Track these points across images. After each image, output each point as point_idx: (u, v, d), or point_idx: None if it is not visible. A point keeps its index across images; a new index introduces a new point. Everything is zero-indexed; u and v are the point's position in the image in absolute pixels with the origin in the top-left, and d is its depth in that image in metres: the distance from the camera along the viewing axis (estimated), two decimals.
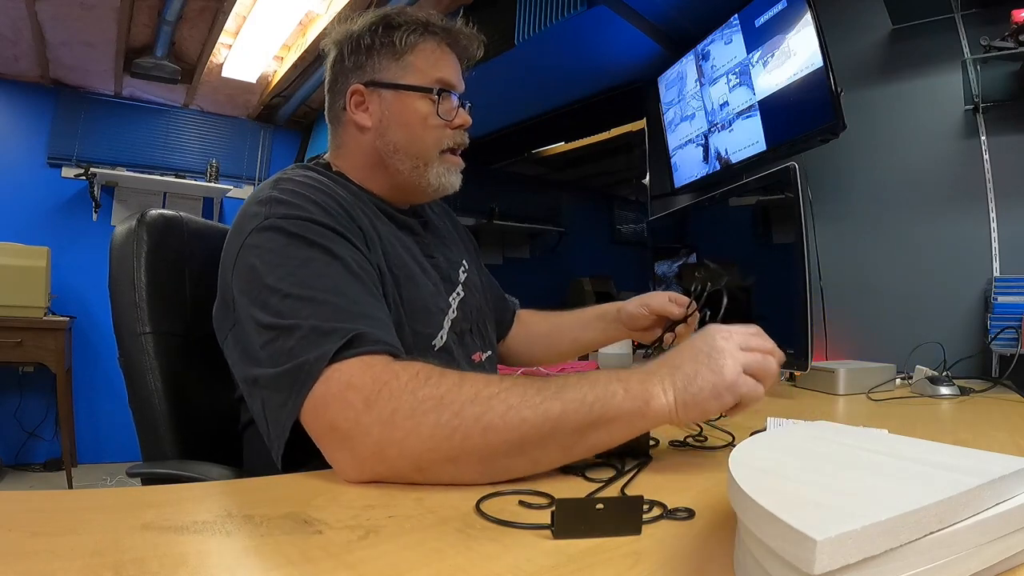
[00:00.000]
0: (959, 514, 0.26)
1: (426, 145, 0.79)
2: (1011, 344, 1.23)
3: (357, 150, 0.81)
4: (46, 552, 0.32)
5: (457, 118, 0.80)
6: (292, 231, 0.62)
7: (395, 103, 0.78)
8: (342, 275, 0.61)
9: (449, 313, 0.80)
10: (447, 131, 0.80)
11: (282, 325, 0.56)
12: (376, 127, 0.78)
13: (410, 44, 0.77)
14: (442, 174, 0.80)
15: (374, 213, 0.76)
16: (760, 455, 0.36)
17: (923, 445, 0.37)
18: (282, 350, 0.55)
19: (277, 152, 4.03)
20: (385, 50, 0.77)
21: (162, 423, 0.79)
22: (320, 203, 0.66)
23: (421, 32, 0.78)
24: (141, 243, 0.85)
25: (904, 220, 1.59)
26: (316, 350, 0.53)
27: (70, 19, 2.62)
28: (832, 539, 0.22)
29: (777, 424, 0.71)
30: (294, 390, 0.53)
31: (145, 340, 0.82)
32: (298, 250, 0.61)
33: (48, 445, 3.21)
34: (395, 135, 0.78)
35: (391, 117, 0.78)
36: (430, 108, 0.78)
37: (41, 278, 2.74)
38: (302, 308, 0.57)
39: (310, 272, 0.60)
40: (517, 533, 0.37)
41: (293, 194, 0.66)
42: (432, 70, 0.78)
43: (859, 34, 1.70)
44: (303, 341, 0.54)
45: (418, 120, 0.78)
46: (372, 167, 0.80)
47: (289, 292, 0.58)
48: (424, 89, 0.77)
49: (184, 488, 0.48)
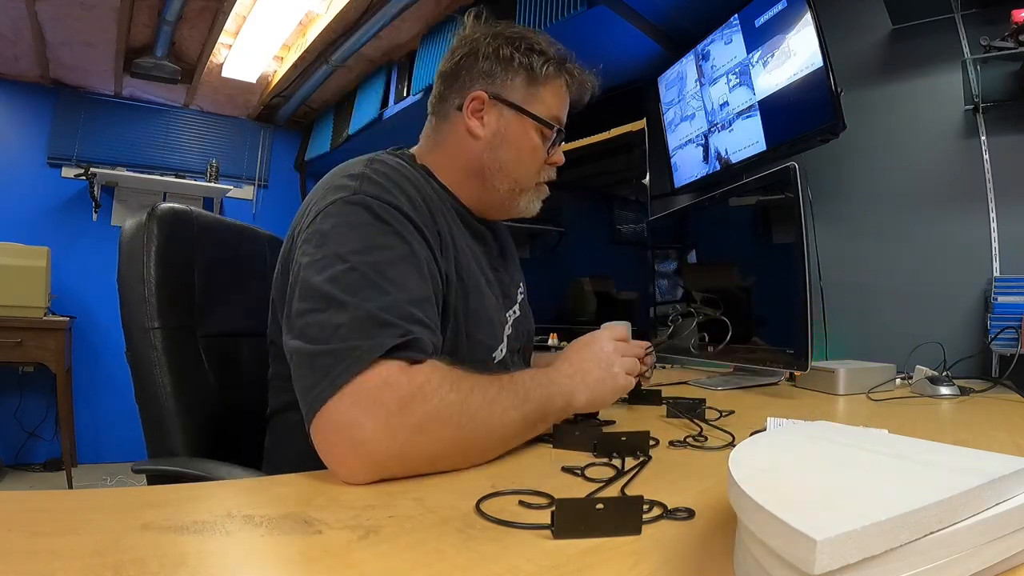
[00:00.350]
0: (959, 514, 0.26)
1: (529, 174, 0.81)
2: (1011, 344, 1.23)
3: (459, 153, 0.79)
4: (46, 552, 0.32)
5: (555, 157, 0.84)
6: (379, 213, 0.61)
7: (516, 125, 0.78)
8: (414, 273, 0.61)
9: (506, 329, 0.81)
10: (546, 166, 0.83)
11: (338, 299, 0.54)
12: (488, 139, 0.78)
13: (547, 76, 0.78)
14: (531, 201, 0.83)
15: (452, 217, 0.76)
16: (760, 455, 0.36)
17: (923, 445, 0.37)
18: (328, 324, 0.53)
19: (277, 152, 4.04)
20: (522, 71, 0.78)
21: (169, 419, 0.79)
22: (409, 195, 0.66)
23: (559, 68, 0.80)
24: (151, 237, 0.84)
25: (904, 220, 1.59)
26: (370, 339, 0.52)
27: (70, 19, 2.62)
28: (832, 539, 0.22)
29: (777, 424, 0.71)
30: (334, 373, 0.50)
31: (153, 335, 0.81)
32: (380, 233, 0.60)
33: (48, 445, 3.21)
34: (505, 154, 0.78)
35: (506, 136, 0.78)
36: (544, 143, 0.80)
37: (41, 278, 2.74)
38: (366, 289, 0.55)
39: (385, 258, 0.58)
40: (517, 533, 0.37)
41: (387, 178, 0.66)
42: (556, 108, 0.81)
43: (859, 34, 1.70)
44: (356, 324, 0.52)
45: (530, 149, 0.80)
46: (469, 175, 0.80)
47: (357, 267, 0.56)
48: (547, 124, 0.79)
49: (184, 488, 0.48)
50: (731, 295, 1.40)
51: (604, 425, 0.76)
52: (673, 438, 0.67)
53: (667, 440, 0.66)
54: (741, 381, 1.24)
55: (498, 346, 0.78)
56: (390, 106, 2.89)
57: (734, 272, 1.39)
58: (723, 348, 1.35)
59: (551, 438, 0.64)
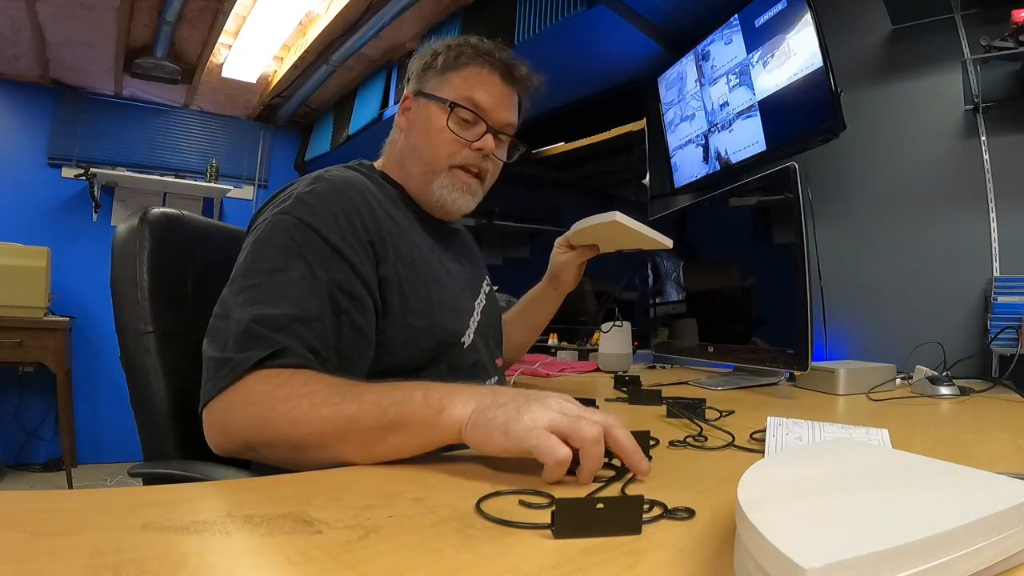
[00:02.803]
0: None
1: (436, 154, 0.82)
2: (1011, 344, 1.23)
3: (393, 149, 0.88)
4: (46, 552, 0.32)
5: (479, 142, 0.82)
6: (293, 235, 0.67)
7: (423, 110, 0.83)
8: (310, 294, 0.65)
9: (474, 315, 0.84)
10: (464, 150, 0.82)
11: (229, 312, 0.63)
12: (407, 129, 0.85)
13: (453, 64, 0.83)
14: (445, 187, 0.83)
15: (408, 218, 0.80)
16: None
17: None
18: (221, 333, 0.62)
19: (277, 152, 4.04)
20: (434, 68, 0.84)
21: (164, 422, 0.79)
22: (337, 216, 0.69)
23: (468, 56, 0.83)
24: (144, 242, 0.84)
25: (904, 220, 1.59)
26: (241, 354, 0.59)
27: (70, 19, 2.62)
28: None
29: (778, 424, 0.71)
30: (217, 381, 0.59)
31: (147, 339, 0.81)
32: (289, 255, 0.66)
33: (48, 445, 3.21)
34: (416, 138, 0.84)
35: (416, 122, 0.84)
36: (456, 125, 0.81)
37: (41, 278, 2.74)
38: (253, 298, 0.63)
39: (286, 279, 0.64)
40: (517, 533, 0.37)
41: (321, 199, 0.70)
42: (467, 90, 0.82)
43: (859, 34, 1.70)
44: (238, 337, 0.60)
45: (434, 128, 0.82)
46: (399, 166, 0.86)
47: (258, 283, 0.64)
48: (443, 100, 0.82)
49: (184, 488, 0.48)
50: (731, 295, 1.40)
51: None
52: (673, 438, 0.67)
53: (667, 440, 0.66)
54: (741, 381, 1.24)
55: (464, 331, 0.80)
56: (390, 106, 2.90)
57: (734, 272, 1.39)
58: (723, 348, 1.35)
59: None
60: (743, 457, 0.60)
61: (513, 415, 0.48)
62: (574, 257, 1.02)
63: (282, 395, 0.56)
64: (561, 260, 1.04)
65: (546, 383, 1.36)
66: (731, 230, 1.40)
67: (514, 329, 1.12)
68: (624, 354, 1.59)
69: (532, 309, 1.11)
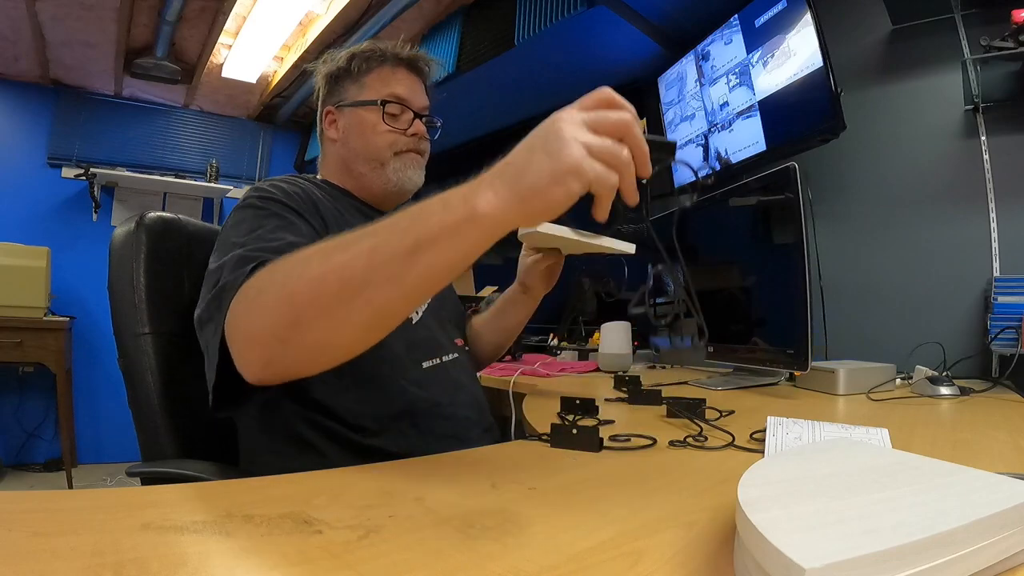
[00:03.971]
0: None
1: (379, 148, 0.90)
2: (1011, 344, 1.23)
3: (331, 159, 0.95)
4: (46, 552, 0.32)
5: (412, 128, 0.92)
6: (259, 204, 0.74)
7: (352, 117, 0.91)
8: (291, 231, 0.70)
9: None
10: (401, 138, 0.91)
11: (223, 261, 0.64)
12: (341, 139, 0.93)
13: (364, 70, 0.92)
14: (399, 169, 0.91)
15: (349, 211, 0.87)
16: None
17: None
18: (214, 274, 0.64)
19: (277, 152, 4.04)
20: (348, 77, 0.92)
21: (162, 423, 0.80)
22: (289, 193, 0.78)
23: (376, 60, 0.92)
24: (140, 245, 0.85)
25: (904, 220, 1.59)
26: (234, 274, 0.60)
27: (70, 19, 2.62)
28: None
29: (778, 424, 0.71)
30: (220, 310, 0.59)
31: (145, 341, 0.82)
32: (261, 216, 0.72)
33: (48, 445, 3.21)
34: (354, 143, 0.91)
35: (350, 128, 0.92)
36: (378, 117, 0.90)
37: (41, 278, 2.74)
38: (241, 247, 0.65)
39: (264, 229, 0.69)
40: (517, 533, 0.37)
41: (272, 184, 0.80)
42: (383, 88, 0.91)
43: (859, 34, 1.70)
44: (229, 267, 0.62)
45: (369, 128, 0.90)
46: (343, 172, 0.94)
47: (242, 243, 0.67)
48: (370, 102, 0.90)
49: (184, 488, 0.48)
50: (731, 295, 1.40)
51: (603, 425, 0.76)
52: (673, 438, 0.67)
53: (667, 440, 0.66)
54: (741, 381, 1.24)
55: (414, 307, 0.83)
56: None
57: (734, 272, 1.39)
58: (723, 348, 1.35)
59: (549, 437, 0.63)
60: (743, 457, 0.60)
61: (550, 162, 0.43)
62: (538, 261, 1.00)
63: (286, 268, 0.54)
64: (525, 264, 1.02)
65: (546, 383, 1.36)
66: (731, 230, 1.40)
67: (487, 331, 1.12)
68: (624, 354, 1.59)
69: (504, 312, 1.10)
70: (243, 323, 0.56)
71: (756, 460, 0.40)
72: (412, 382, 0.78)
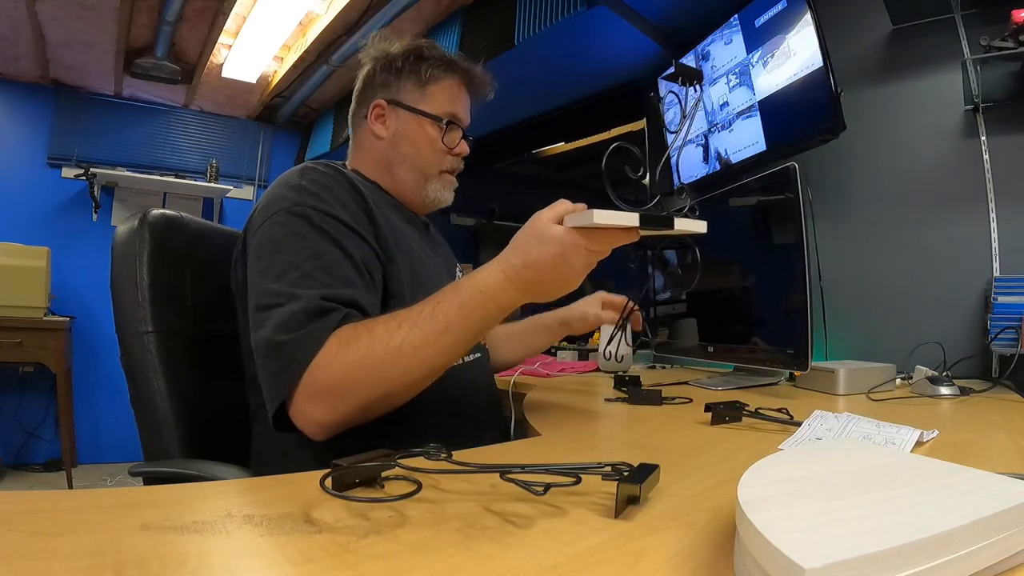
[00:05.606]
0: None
1: (429, 163, 0.91)
2: (1011, 344, 1.23)
3: (371, 154, 0.93)
4: (46, 552, 0.32)
5: (458, 148, 0.93)
6: (317, 223, 0.72)
7: (411, 123, 0.90)
8: (352, 269, 0.72)
9: None
10: (448, 156, 0.92)
11: (294, 294, 0.66)
12: (390, 139, 0.91)
13: (434, 77, 0.90)
14: (439, 189, 0.93)
15: (388, 207, 0.87)
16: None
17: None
18: (287, 314, 0.64)
19: (277, 152, 4.03)
20: (412, 77, 0.90)
21: (164, 422, 0.79)
22: (342, 200, 0.76)
23: (446, 69, 0.91)
24: (143, 243, 0.85)
25: (904, 220, 1.59)
26: (317, 323, 0.64)
27: (70, 19, 2.62)
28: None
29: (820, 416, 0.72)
30: (296, 362, 0.62)
31: (147, 339, 0.82)
32: (319, 240, 0.71)
33: (48, 445, 3.21)
34: (405, 149, 0.90)
35: (404, 134, 0.90)
36: (438, 135, 0.90)
37: (41, 278, 2.74)
38: (312, 284, 0.67)
39: (326, 262, 0.70)
40: (517, 533, 0.37)
41: (322, 187, 0.76)
42: (448, 104, 0.91)
43: (859, 34, 1.70)
44: (307, 312, 0.64)
45: (426, 142, 0.90)
46: (382, 171, 0.92)
47: (306, 270, 0.68)
48: (436, 118, 0.90)
49: (184, 488, 0.48)
50: (731, 295, 1.40)
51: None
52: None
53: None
54: (741, 381, 1.24)
55: None
56: None
57: (734, 272, 1.39)
58: (723, 348, 1.35)
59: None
60: (752, 452, 0.60)
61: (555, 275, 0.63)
62: (600, 318, 1.05)
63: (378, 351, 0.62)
64: (587, 315, 1.06)
65: (546, 383, 1.36)
66: (731, 230, 1.40)
67: (510, 344, 1.13)
68: (624, 354, 1.58)
69: (535, 335, 1.12)
70: (329, 389, 0.63)
71: (773, 448, 0.40)
72: (436, 382, 0.77)
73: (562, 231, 0.61)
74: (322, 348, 0.62)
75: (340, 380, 0.62)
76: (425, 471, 0.46)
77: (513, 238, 0.66)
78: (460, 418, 0.80)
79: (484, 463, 0.45)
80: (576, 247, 0.61)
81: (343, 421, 0.64)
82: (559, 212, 0.63)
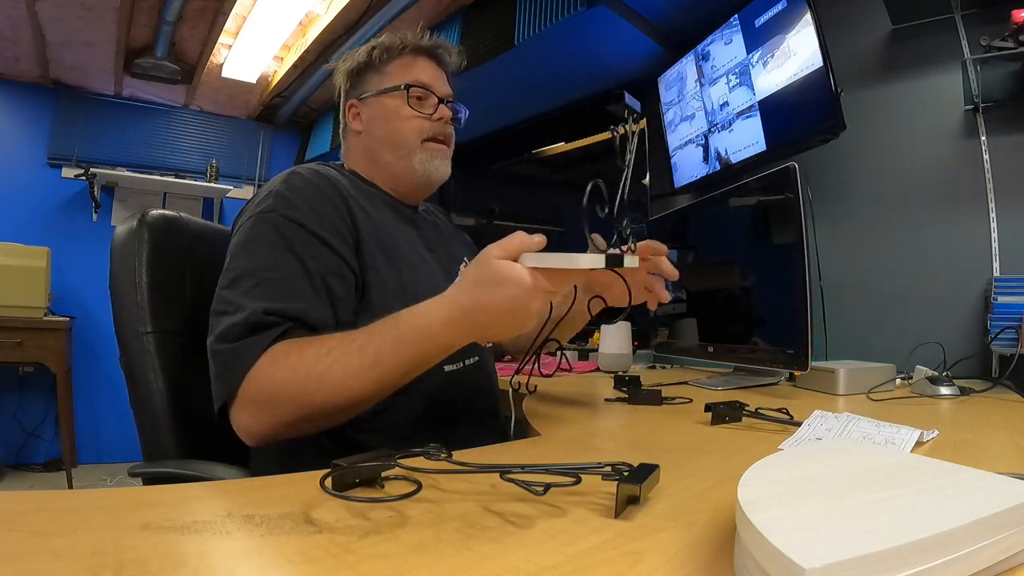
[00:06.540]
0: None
1: (404, 135, 0.90)
2: (1011, 344, 1.23)
3: (356, 151, 0.95)
4: (46, 552, 0.32)
5: (437, 113, 0.91)
6: (282, 230, 0.72)
7: (376, 106, 0.91)
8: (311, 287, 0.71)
9: None
10: (426, 123, 0.90)
11: (240, 304, 0.67)
12: (366, 129, 0.92)
13: (386, 59, 0.92)
14: (425, 160, 0.91)
15: (379, 207, 0.86)
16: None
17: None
18: (230, 324, 0.66)
19: (277, 152, 4.03)
20: (370, 69, 0.93)
21: (163, 422, 0.79)
22: (316, 207, 0.75)
23: (397, 49, 0.93)
24: (143, 243, 0.85)
25: (904, 220, 1.59)
26: (256, 336, 0.65)
27: (70, 19, 2.62)
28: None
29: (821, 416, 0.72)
30: (232, 372, 0.65)
31: (147, 339, 0.82)
32: (277, 250, 0.71)
33: (48, 445, 3.21)
34: (379, 130, 0.91)
35: (374, 117, 0.92)
36: (402, 102, 0.90)
37: (41, 278, 2.74)
38: (260, 295, 0.68)
39: (281, 273, 0.70)
40: (517, 533, 0.37)
41: (297, 193, 0.76)
42: (405, 75, 0.91)
43: (859, 34, 1.70)
44: (249, 325, 0.66)
45: (393, 113, 0.90)
46: (369, 163, 0.93)
47: (259, 279, 0.69)
48: (394, 88, 0.90)
49: (184, 488, 0.48)
50: (731, 295, 1.40)
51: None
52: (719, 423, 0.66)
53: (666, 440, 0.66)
54: (741, 381, 1.24)
55: None
56: None
57: (734, 272, 1.39)
58: (723, 348, 1.35)
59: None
60: (752, 452, 0.60)
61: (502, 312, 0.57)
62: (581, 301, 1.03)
63: (304, 373, 0.63)
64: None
65: (546, 383, 1.35)
66: (731, 230, 1.40)
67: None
68: (624, 354, 1.58)
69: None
70: (255, 401, 0.65)
71: (771, 449, 0.40)
72: (434, 388, 0.78)
73: (522, 273, 0.55)
74: (257, 361, 0.64)
75: (267, 395, 0.64)
76: (425, 471, 0.46)
77: (463, 273, 0.65)
78: (459, 425, 0.80)
79: (484, 463, 0.45)
80: (536, 290, 0.55)
81: (270, 433, 0.65)
82: (513, 248, 0.56)
